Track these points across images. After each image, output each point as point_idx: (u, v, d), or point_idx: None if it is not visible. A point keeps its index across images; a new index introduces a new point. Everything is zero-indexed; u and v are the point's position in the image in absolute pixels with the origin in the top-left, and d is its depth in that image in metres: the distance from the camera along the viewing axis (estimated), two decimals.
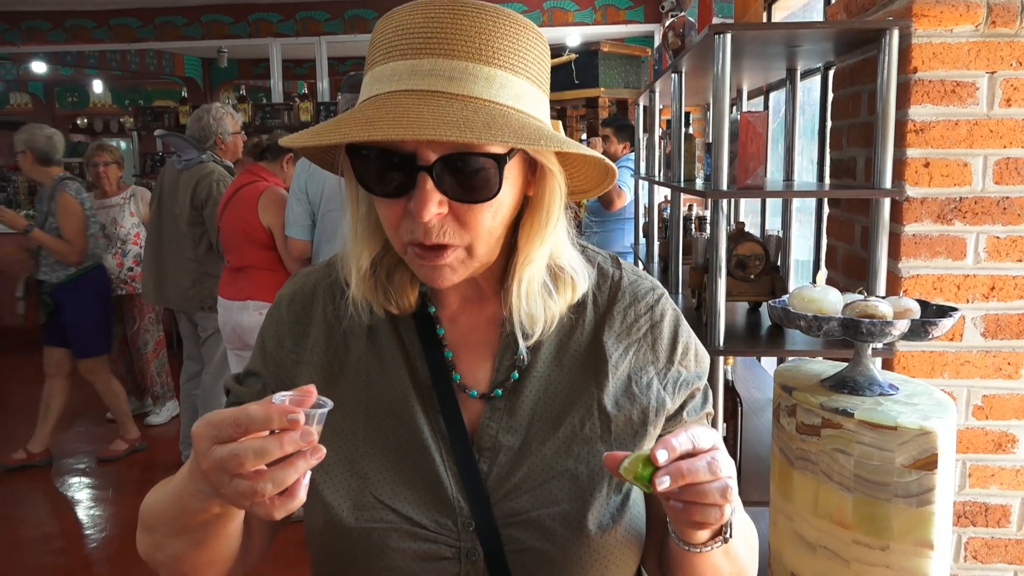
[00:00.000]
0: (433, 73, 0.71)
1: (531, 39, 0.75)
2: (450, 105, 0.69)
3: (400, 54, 0.72)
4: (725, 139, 1.73)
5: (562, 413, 0.84)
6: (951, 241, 1.72)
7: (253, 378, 0.91)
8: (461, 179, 0.72)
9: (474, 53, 0.71)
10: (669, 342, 0.88)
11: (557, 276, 0.84)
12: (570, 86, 5.24)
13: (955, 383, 1.74)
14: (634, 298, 0.89)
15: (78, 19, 6.69)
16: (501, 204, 0.76)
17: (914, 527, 1.24)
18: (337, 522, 0.81)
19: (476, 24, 0.72)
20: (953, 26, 1.67)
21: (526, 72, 0.75)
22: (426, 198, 0.71)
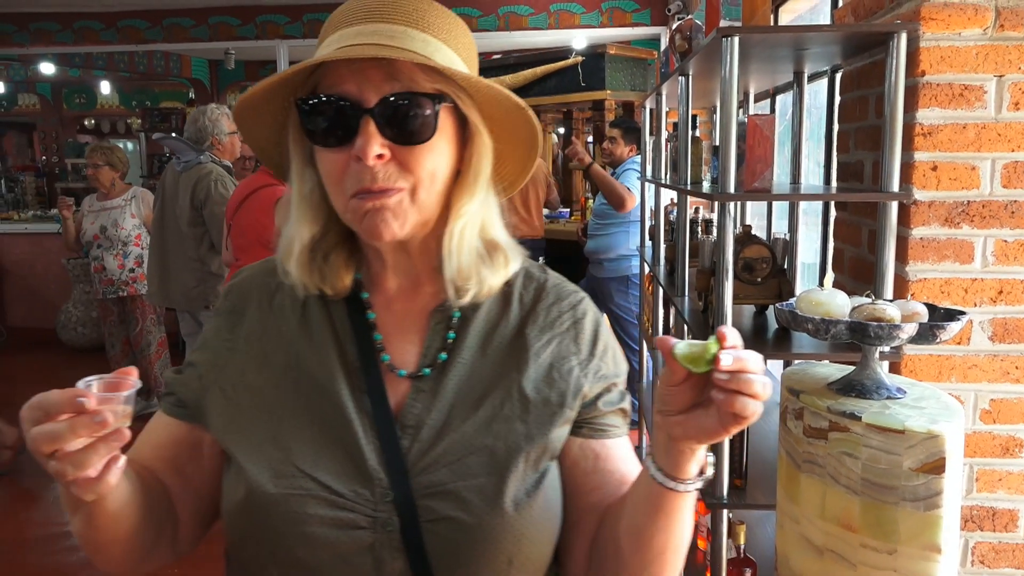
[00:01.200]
0: (376, 32, 0.81)
1: (460, 25, 0.88)
2: (392, 50, 0.79)
3: (347, 24, 0.83)
4: (733, 142, 1.73)
5: (484, 395, 0.89)
6: (959, 245, 1.72)
7: (190, 368, 0.95)
8: (400, 121, 0.80)
9: (412, 22, 0.82)
10: (591, 338, 0.94)
11: (491, 250, 0.91)
12: (576, 89, 5.25)
13: (963, 387, 1.74)
14: (558, 298, 0.95)
15: (86, 20, 6.72)
16: (438, 152, 0.84)
17: (922, 531, 1.24)
18: (258, 490, 0.84)
19: (414, 3, 0.84)
20: (961, 29, 1.67)
21: (455, 47, 0.85)
22: (368, 138, 0.79)
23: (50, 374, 5.96)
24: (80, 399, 0.67)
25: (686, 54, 2.46)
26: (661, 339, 0.73)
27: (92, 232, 4.59)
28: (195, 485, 0.92)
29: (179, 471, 0.93)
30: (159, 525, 0.89)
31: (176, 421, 0.94)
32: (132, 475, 0.83)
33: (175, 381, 0.96)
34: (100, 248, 4.58)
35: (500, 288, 0.92)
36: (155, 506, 0.88)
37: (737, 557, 1.99)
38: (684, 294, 2.57)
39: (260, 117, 0.89)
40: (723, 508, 1.84)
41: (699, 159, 2.60)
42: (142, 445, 0.94)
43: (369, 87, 0.80)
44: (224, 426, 0.90)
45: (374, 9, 0.83)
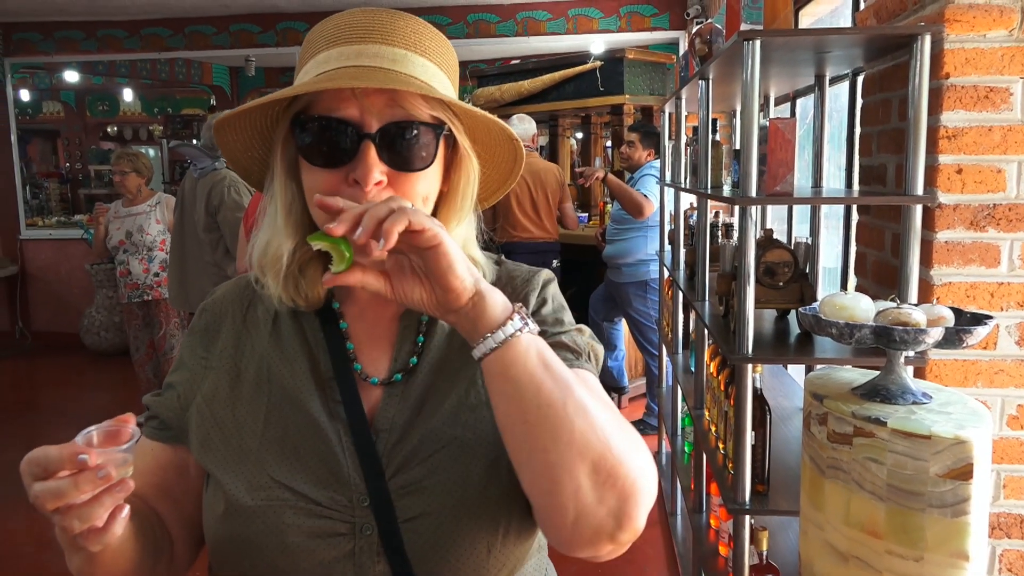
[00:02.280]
0: (379, 55, 0.81)
1: (449, 48, 0.89)
2: (397, 76, 0.80)
3: (346, 41, 0.82)
4: (754, 146, 1.72)
5: (450, 387, 0.89)
6: (984, 248, 1.70)
7: (170, 391, 0.95)
8: (401, 148, 0.81)
9: (411, 45, 0.83)
10: (538, 294, 0.95)
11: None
12: (595, 93, 5.25)
13: (989, 392, 1.71)
14: (510, 279, 0.97)
15: (110, 29, 6.81)
16: (432, 178, 0.85)
17: (949, 538, 1.22)
18: (235, 503, 0.84)
19: (410, 25, 0.84)
20: (986, 31, 1.65)
21: (446, 71, 0.87)
22: (370, 165, 0.79)
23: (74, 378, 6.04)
24: (80, 457, 0.67)
25: (706, 58, 2.45)
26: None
27: (118, 237, 4.66)
28: (185, 507, 0.93)
29: (168, 495, 0.93)
30: (156, 552, 0.89)
31: (160, 445, 0.94)
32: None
33: (156, 404, 0.96)
34: (126, 253, 4.65)
35: None
36: (150, 534, 0.88)
37: (760, 563, 1.98)
38: (704, 298, 2.56)
39: (241, 131, 0.89)
40: (745, 514, 1.83)
41: (719, 163, 2.59)
42: None
43: (371, 112, 0.80)
44: (200, 443, 0.90)
45: (373, 29, 0.82)
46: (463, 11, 6.49)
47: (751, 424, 1.82)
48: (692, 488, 2.80)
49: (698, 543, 2.54)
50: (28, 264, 7.16)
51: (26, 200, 7.44)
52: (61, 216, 8.17)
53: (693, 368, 2.81)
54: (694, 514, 2.69)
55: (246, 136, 0.90)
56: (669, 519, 3.40)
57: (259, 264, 0.90)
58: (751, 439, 1.82)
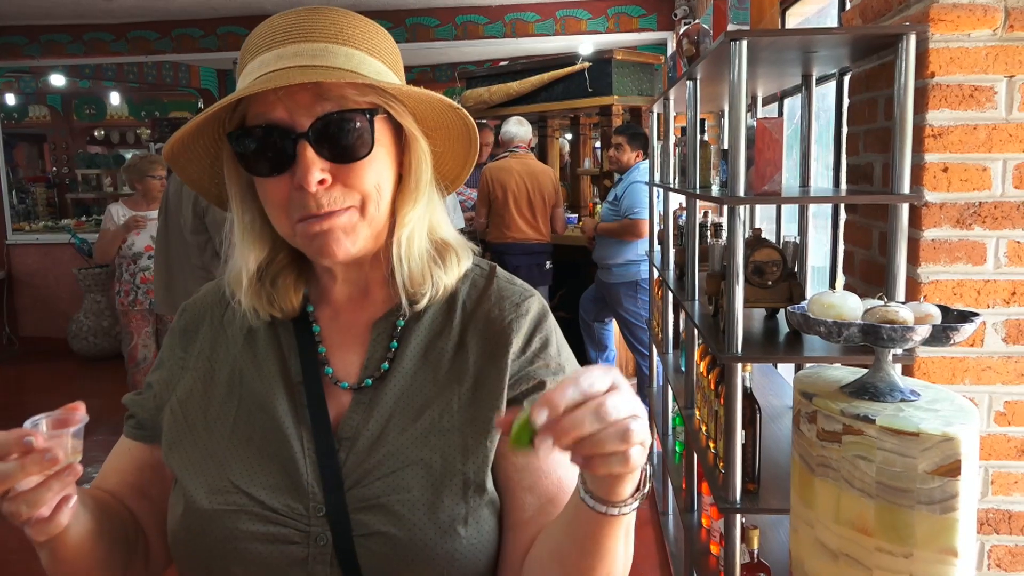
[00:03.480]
0: (298, 54, 0.78)
1: (381, 34, 0.85)
2: (315, 69, 0.77)
3: (266, 48, 0.80)
4: (742, 145, 1.73)
5: (425, 406, 0.86)
6: (971, 246, 1.71)
7: (148, 390, 0.95)
8: (337, 140, 0.78)
9: (331, 37, 0.80)
10: (528, 333, 0.89)
11: (442, 251, 0.90)
12: (583, 94, 5.25)
13: (976, 389, 1.73)
14: (500, 299, 0.92)
15: (96, 32, 6.77)
16: (380, 165, 0.82)
17: (938, 534, 1.23)
18: (192, 506, 0.84)
19: (331, 17, 0.81)
20: (971, 30, 1.66)
21: (380, 56, 0.83)
22: (308, 165, 0.77)
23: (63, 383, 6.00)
24: (27, 439, 0.66)
25: (693, 58, 2.46)
26: (500, 421, 0.67)
27: (143, 243, 4.49)
28: (162, 507, 0.92)
29: (145, 495, 0.93)
30: (128, 551, 0.89)
31: (138, 444, 0.94)
32: (93, 505, 0.84)
33: (134, 403, 0.96)
34: (151, 259, 4.48)
35: (446, 295, 0.90)
36: (121, 533, 0.88)
37: (751, 562, 1.98)
38: (694, 298, 2.57)
39: (193, 154, 0.87)
40: (736, 513, 1.84)
41: (708, 163, 2.60)
42: (107, 471, 0.95)
43: (300, 111, 0.78)
44: (169, 444, 0.90)
45: (291, 29, 0.80)
46: (451, 13, 6.49)
47: (741, 423, 1.83)
48: (683, 487, 2.81)
49: (690, 542, 2.55)
50: (15, 269, 7.11)
51: (12, 205, 7.39)
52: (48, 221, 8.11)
53: (683, 368, 2.82)
54: (685, 513, 2.69)
55: (197, 159, 0.89)
56: (661, 518, 3.41)
57: (232, 281, 0.89)
58: (741, 438, 1.83)
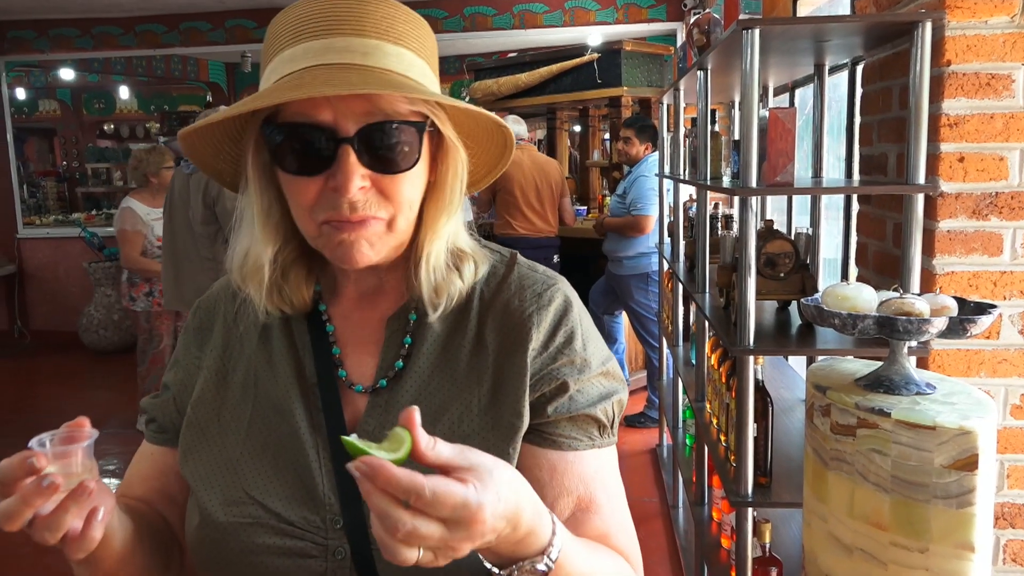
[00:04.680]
0: (348, 49, 0.74)
1: (426, 29, 0.81)
2: (371, 73, 0.73)
3: (311, 35, 0.74)
4: (754, 136, 1.71)
5: (442, 408, 0.82)
6: (987, 237, 1.68)
7: (166, 392, 0.92)
8: (382, 150, 0.74)
9: (383, 33, 0.75)
10: (551, 326, 0.84)
11: (460, 260, 0.85)
12: (592, 86, 5.23)
13: (993, 382, 1.70)
14: (520, 288, 0.86)
15: (105, 26, 6.78)
16: (417, 176, 0.79)
17: (954, 529, 1.22)
18: (208, 518, 0.81)
19: (380, 9, 0.76)
20: (988, 17, 1.63)
21: (425, 56, 0.79)
22: (350, 171, 0.73)
23: (73, 377, 6.03)
24: (30, 460, 0.63)
25: (704, 48, 2.44)
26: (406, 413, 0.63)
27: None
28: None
29: (172, 500, 0.91)
30: (166, 556, 0.87)
31: (160, 448, 0.91)
32: (129, 513, 0.81)
33: (153, 407, 0.93)
34: None
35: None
36: (158, 539, 0.86)
37: (763, 556, 1.97)
38: (705, 290, 2.55)
39: (211, 135, 0.83)
40: (748, 506, 1.82)
41: (718, 154, 2.58)
42: (132, 479, 0.92)
43: (348, 114, 0.73)
44: (184, 451, 0.87)
45: (339, 18, 0.74)
46: (459, 4, 6.46)
47: (753, 416, 1.81)
48: (694, 481, 2.80)
49: (700, 536, 2.54)
50: (26, 263, 7.14)
51: (23, 199, 7.43)
52: (59, 215, 8.15)
53: (694, 360, 2.80)
54: (696, 507, 2.68)
55: (215, 141, 0.84)
56: (671, 512, 3.40)
57: (240, 273, 0.84)
58: (753, 431, 1.82)
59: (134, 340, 6.25)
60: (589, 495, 0.83)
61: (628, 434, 4.40)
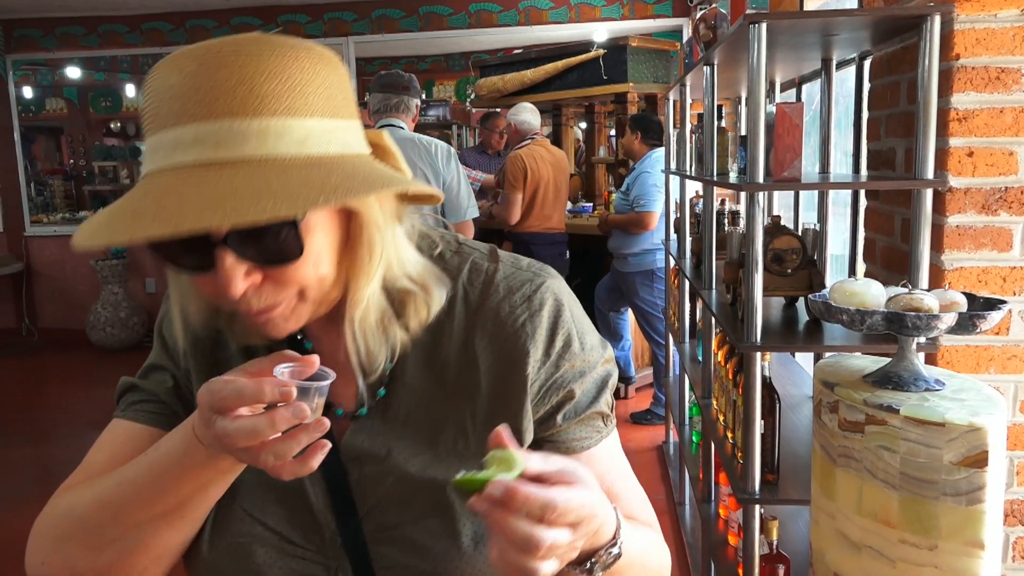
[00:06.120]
0: (198, 141, 0.62)
1: (308, 70, 0.66)
2: (218, 179, 0.61)
3: (163, 123, 0.64)
4: (761, 131, 1.70)
5: (435, 427, 0.79)
6: (996, 232, 1.67)
7: (160, 372, 0.85)
8: (263, 245, 0.65)
9: (238, 107, 0.62)
10: (546, 335, 0.79)
11: (403, 299, 0.77)
12: (598, 82, 5.21)
13: (1002, 378, 1.69)
14: (508, 291, 0.80)
15: (111, 24, 6.80)
16: (318, 253, 0.69)
17: (964, 526, 1.21)
18: (209, 537, 0.79)
19: (237, 74, 0.63)
20: (997, 10, 1.62)
21: (308, 108, 0.65)
22: (230, 275, 0.65)
23: (81, 374, 6.05)
24: (283, 389, 0.62)
25: (711, 43, 2.42)
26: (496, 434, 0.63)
27: None
28: None
29: None
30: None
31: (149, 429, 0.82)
32: None
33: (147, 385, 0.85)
34: None
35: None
36: None
37: (770, 553, 1.96)
38: (711, 287, 2.54)
39: None
40: (755, 503, 1.81)
41: (725, 150, 2.56)
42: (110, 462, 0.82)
43: None
44: None
45: (189, 98, 0.63)
46: (464, 1, 6.45)
47: (760, 413, 1.80)
48: (700, 478, 2.79)
49: (707, 533, 2.53)
50: (33, 261, 7.17)
51: (31, 197, 7.44)
52: (66, 213, 8.17)
53: (700, 357, 2.79)
54: (703, 504, 2.67)
55: None
56: (677, 509, 3.39)
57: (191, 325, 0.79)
58: (760, 428, 1.81)
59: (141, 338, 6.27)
60: (608, 488, 0.80)
61: (634, 431, 4.39)
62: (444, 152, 3.19)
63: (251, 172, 0.62)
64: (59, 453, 4.18)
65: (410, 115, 3.31)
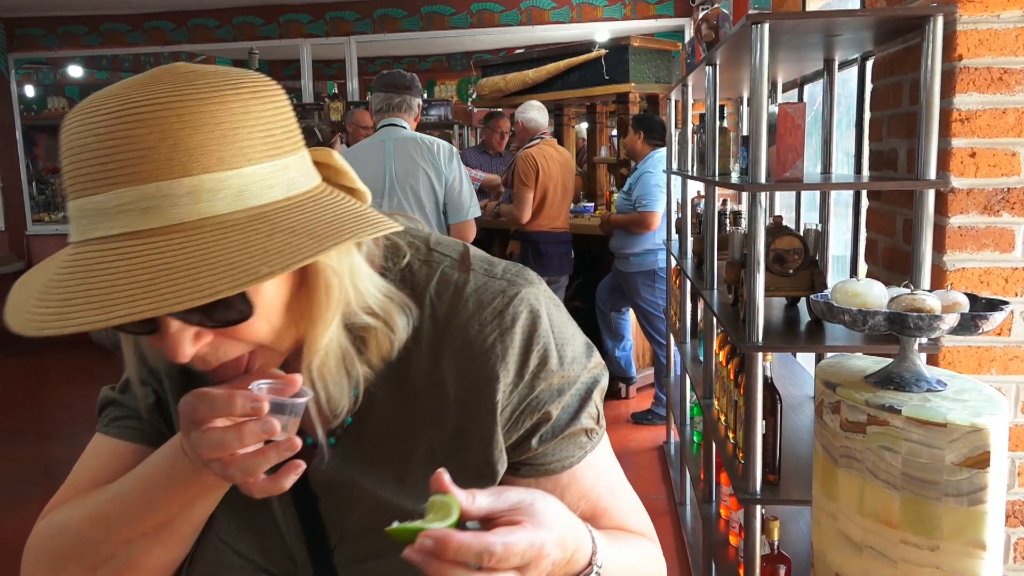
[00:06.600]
0: (122, 209, 0.56)
1: (237, 112, 0.59)
2: (148, 252, 0.56)
3: (82, 188, 0.57)
4: (763, 131, 1.70)
5: (406, 454, 0.75)
6: (998, 233, 1.67)
7: (141, 387, 0.82)
8: (209, 310, 0.60)
9: (163, 167, 0.56)
10: (519, 355, 0.73)
11: (364, 334, 0.71)
12: (600, 82, 5.21)
13: (1004, 379, 1.69)
14: (478, 306, 0.73)
15: (112, 23, 6.80)
16: (269, 307, 0.64)
17: (966, 527, 1.21)
18: (186, 563, 0.78)
19: (157, 130, 0.56)
20: (1000, 11, 1.62)
21: (243, 155, 0.59)
22: (176, 341, 0.61)
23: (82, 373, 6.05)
24: (254, 404, 0.60)
25: (713, 43, 2.42)
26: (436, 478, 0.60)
27: None
28: None
29: None
30: None
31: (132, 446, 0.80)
32: None
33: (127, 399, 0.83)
34: None
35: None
36: None
37: (771, 553, 1.96)
38: (713, 287, 2.54)
39: None
40: (756, 504, 1.81)
41: (727, 150, 2.56)
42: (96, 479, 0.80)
43: None
44: None
45: (107, 160, 0.56)
46: (467, 1, 6.46)
47: (762, 413, 1.80)
48: (701, 478, 2.79)
49: (708, 533, 2.53)
50: (35, 259, 7.17)
51: (32, 196, 7.45)
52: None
53: (702, 357, 2.79)
54: (704, 504, 2.67)
55: None
56: (678, 509, 3.39)
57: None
58: (762, 428, 1.81)
59: None
60: (593, 504, 0.79)
61: (635, 431, 4.39)
62: (446, 152, 3.19)
63: (185, 240, 0.56)
64: (60, 452, 4.19)
65: (412, 114, 3.31)
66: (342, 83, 7.48)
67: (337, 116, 6.59)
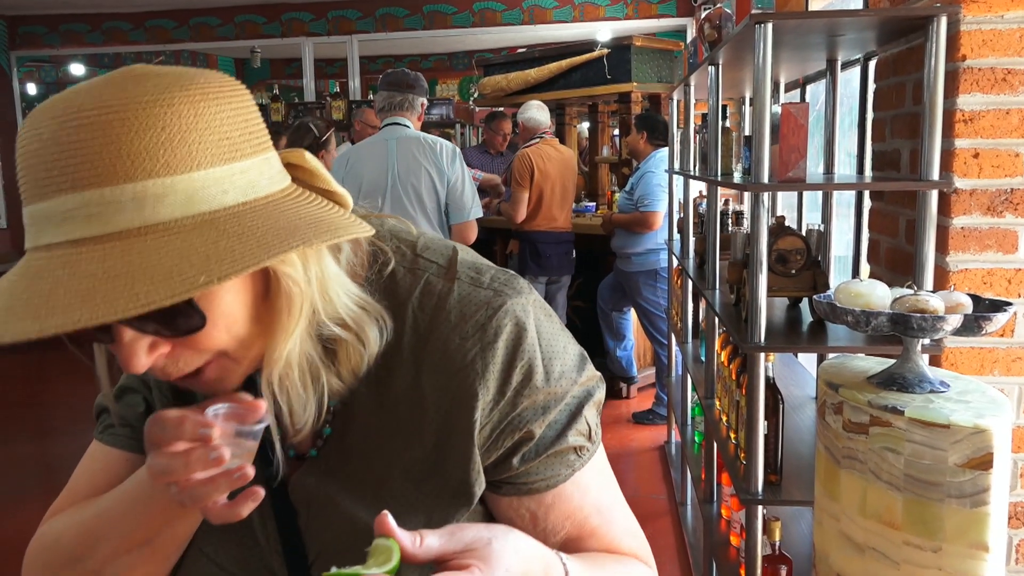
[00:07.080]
0: (67, 216, 0.55)
1: (186, 115, 0.57)
2: (90, 260, 0.54)
3: (31, 195, 0.56)
4: (766, 131, 1.69)
5: (385, 470, 0.72)
6: (1002, 234, 1.67)
7: (132, 394, 0.81)
8: (161, 318, 0.57)
9: (107, 173, 0.54)
10: (501, 371, 0.69)
11: (333, 354, 0.69)
12: (602, 81, 5.20)
13: (1007, 380, 1.69)
14: (460, 318, 0.70)
15: (115, 21, 6.80)
16: (228, 316, 0.61)
17: (968, 528, 1.20)
18: None
19: (101, 134, 0.54)
20: (1004, 11, 1.62)
21: (192, 160, 0.56)
22: (129, 350, 0.59)
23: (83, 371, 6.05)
24: (203, 430, 0.59)
25: (715, 43, 2.42)
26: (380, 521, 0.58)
27: None
28: None
29: None
30: None
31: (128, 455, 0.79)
32: None
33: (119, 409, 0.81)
34: None
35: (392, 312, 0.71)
36: None
37: (772, 554, 1.96)
38: (715, 287, 2.54)
39: None
40: (758, 504, 1.81)
41: (729, 150, 2.56)
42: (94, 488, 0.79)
43: None
44: None
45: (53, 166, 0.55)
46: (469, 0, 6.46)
47: (764, 413, 1.80)
48: (703, 478, 2.79)
49: (709, 533, 2.53)
50: None
51: None
52: None
53: (703, 357, 2.79)
54: (705, 504, 2.67)
55: None
56: (679, 509, 3.39)
57: None
58: (763, 428, 1.80)
59: None
60: (579, 525, 0.76)
61: (636, 431, 4.39)
62: (449, 152, 3.19)
63: (127, 248, 0.54)
64: (62, 450, 4.19)
65: (415, 113, 3.30)
66: (344, 82, 7.49)
67: (339, 115, 6.59)
